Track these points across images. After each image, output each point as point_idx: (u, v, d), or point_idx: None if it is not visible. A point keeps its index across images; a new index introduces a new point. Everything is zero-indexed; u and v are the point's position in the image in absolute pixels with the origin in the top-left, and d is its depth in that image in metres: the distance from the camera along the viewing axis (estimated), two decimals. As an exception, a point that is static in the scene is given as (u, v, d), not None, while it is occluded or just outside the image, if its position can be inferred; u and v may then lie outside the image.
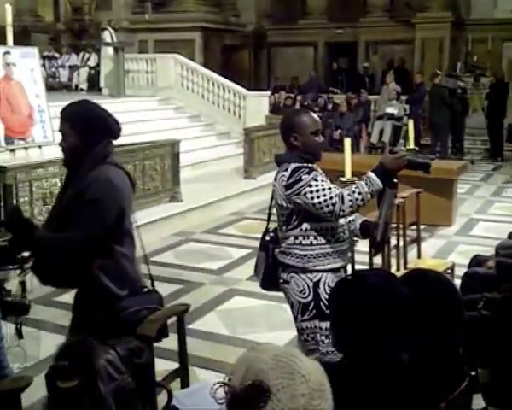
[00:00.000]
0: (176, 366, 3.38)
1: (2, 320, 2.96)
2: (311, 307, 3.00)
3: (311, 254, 2.99)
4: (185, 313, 2.91)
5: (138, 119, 10.87)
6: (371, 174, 2.86)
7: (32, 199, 6.39)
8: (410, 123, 5.05)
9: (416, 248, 5.45)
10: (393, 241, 4.87)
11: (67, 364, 2.06)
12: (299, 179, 2.90)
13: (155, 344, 2.71)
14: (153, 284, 2.88)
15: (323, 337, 2.98)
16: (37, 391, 2.43)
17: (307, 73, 17.54)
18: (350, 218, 3.12)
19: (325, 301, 2.94)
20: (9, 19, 9.42)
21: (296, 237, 3.01)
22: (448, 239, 7.39)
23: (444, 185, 7.64)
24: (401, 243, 4.99)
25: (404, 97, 13.68)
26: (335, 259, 3.03)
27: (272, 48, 19.48)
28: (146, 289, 2.76)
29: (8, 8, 9.51)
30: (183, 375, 2.88)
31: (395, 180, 2.96)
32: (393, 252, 4.92)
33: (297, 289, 3.03)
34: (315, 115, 3.12)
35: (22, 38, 13.94)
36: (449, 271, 4.91)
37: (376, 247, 3.35)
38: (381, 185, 2.85)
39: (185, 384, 2.94)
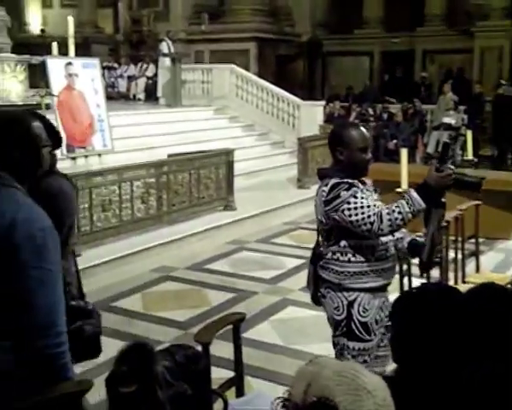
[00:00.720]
0: (230, 374, 3.40)
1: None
2: (342, 325, 2.97)
3: (348, 272, 2.93)
4: (241, 321, 2.92)
5: (194, 128, 11.04)
6: (413, 193, 2.77)
7: (91, 205, 6.56)
8: (469, 134, 4.98)
9: (474, 262, 5.32)
10: (451, 254, 4.77)
11: (127, 368, 2.09)
12: (338, 196, 2.84)
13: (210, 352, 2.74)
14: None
15: (349, 356, 2.95)
16: (94, 395, 2.49)
17: (362, 82, 17.42)
18: (398, 235, 3.03)
19: (357, 322, 2.91)
20: (71, 30, 9.74)
21: (334, 253, 2.96)
22: (507, 253, 7.18)
23: (503, 198, 7.43)
24: (459, 257, 4.88)
25: (462, 107, 13.41)
26: (374, 278, 2.94)
27: (327, 57, 19.44)
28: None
29: (71, 21, 9.83)
30: (238, 384, 2.89)
31: (443, 200, 2.84)
32: (451, 266, 4.82)
33: (332, 305, 2.99)
34: (365, 131, 3.02)
35: (83, 49, 14.37)
36: (508, 285, 4.76)
37: (423, 267, 3.23)
38: (423, 205, 2.75)
39: (240, 393, 2.95)
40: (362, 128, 3.04)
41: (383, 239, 2.94)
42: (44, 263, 2.04)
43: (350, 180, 2.89)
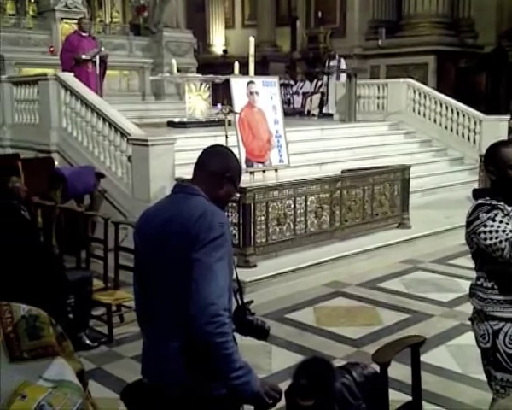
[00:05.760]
0: (403, 397, 3.31)
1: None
2: (489, 354, 2.82)
3: (492, 299, 2.77)
4: (421, 345, 2.83)
5: (368, 143, 10.95)
6: None
7: (267, 218, 6.77)
8: None
9: None
10: None
11: (306, 382, 2.12)
12: (477, 217, 2.71)
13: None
14: None
15: (498, 387, 2.79)
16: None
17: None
18: None
19: (503, 353, 2.74)
20: (252, 50, 10.18)
21: (478, 279, 2.84)
22: None
23: None
24: None
25: None
26: None
27: (513, 69, 18.22)
28: None
29: (252, 41, 10.28)
30: (416, 409, 2.80)
31: None
32: None
33: (478, 332, 2.87)
34: None
35: (261, 68, 14.99)
36: None
37: None
38: None
39: (417, 419, 2.85)
40: None
41: None
42: (215, 252, 2.18)
43: (494, 202, 2.73)
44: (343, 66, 13.60)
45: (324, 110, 14.24)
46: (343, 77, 13.24)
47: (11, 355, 1.68)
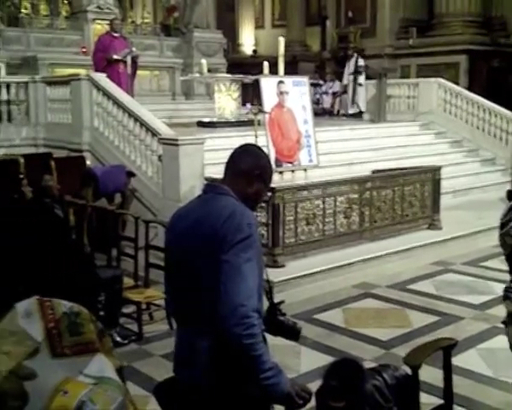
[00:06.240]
0: (433, 399, 3.27)
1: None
2: None
3: None
4: (453, 348, 2.80)
5: (398, 144, 10.87)
6: None
7: (296, 219, 6.76)
8: None
9: None
10: None
11: (337, 383, 2.11)
12: (510, 219, 2.68)
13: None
14: None
15: None
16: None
17: None
18: None
19: None
20: (282, 50, 10.18)
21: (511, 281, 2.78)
22: None
23: None
24: None
25: None
26: None
27: (548, 68, 17.89)
28: None
29: (282, 41, 10.29)
30: (447, 412, 2.77)
31: None
32: None
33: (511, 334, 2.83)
34: None
35: (291, 67, 14.93)
36: None
37: None
38: None
39: (449, 422, 2.83)
40: None
41: None
42: (244, 253, 2.17)
43: None
44: (362, 66, 13.65)
45: (351, 110, 14.20)
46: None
47: (53, 351, 1.71)
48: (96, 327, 1.82)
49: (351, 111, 14.00)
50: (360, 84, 14.06)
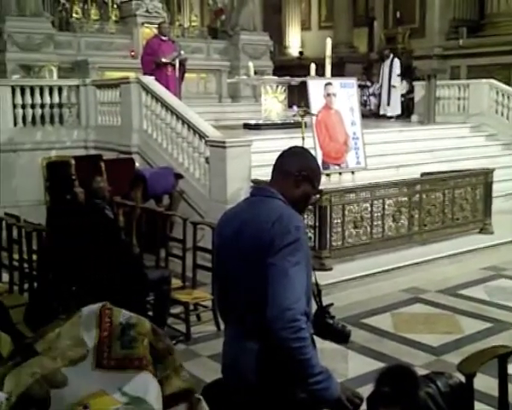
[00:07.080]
0: (486, 408, 3.19)
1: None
2: None
3: None
4: (509, 356, 2.71)
5: (448, 146, 10.65)
6: None
7: (343, 221, 6.70)
8: None
9: None
10: None
11: (390, 390, 2.07)
12: None
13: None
14: None
15: None
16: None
17: None
18: None
19: None
20: (329, 51, 10.11)
21: None
22: None
23: None
24: None
25: None
26: None
27: None
28: None
29: (329, 42, 10.22)
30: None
31: None
32: None
33: None
34: None
35: (338, 69, 14.82)
36: None
37: None
38: None
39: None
40: None
41: None
42: (291, 256, 2.16)
43: None
44: (397, 67, 13.55)
45: (381, 111, 14.08)
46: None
47: (98, 362, 1.62)
48: (161, 342, 1.70)
49: (381, 112, 13.90)
50: (393, 86, 13.90)
